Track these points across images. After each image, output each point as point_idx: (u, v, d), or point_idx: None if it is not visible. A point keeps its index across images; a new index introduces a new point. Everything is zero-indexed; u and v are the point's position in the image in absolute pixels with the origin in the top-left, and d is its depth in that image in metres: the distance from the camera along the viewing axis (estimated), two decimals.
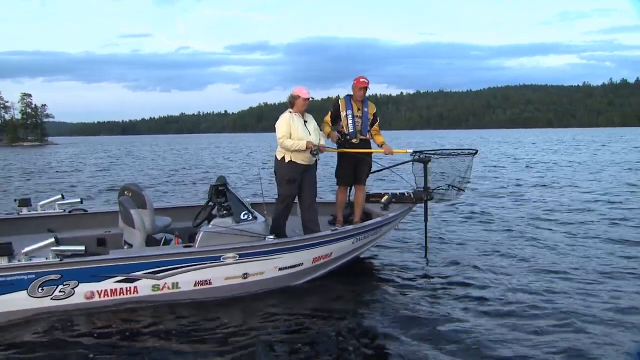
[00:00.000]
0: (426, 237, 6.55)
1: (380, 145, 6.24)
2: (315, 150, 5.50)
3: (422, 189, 6.21)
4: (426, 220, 6.42)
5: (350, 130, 6.03)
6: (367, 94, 6.11)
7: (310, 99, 5.61)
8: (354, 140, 6.05)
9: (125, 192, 5.72)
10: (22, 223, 5.84)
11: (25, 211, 5.98)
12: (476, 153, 6.32)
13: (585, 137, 73.10)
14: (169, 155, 39.75)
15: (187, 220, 6.11)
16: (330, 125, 6.12)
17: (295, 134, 5.47)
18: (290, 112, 5.57)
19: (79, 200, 6.49)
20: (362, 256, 6.46)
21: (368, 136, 6.18)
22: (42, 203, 6.16)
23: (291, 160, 5.52)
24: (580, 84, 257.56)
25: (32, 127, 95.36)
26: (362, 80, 6.00)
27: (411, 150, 6.26)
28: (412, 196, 6.33)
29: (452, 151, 6.35)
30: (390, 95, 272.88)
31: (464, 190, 6.33)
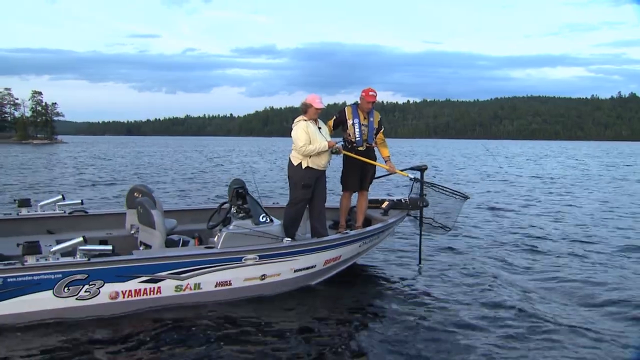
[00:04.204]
0: (420, 243, 6.58)
1: (386, 160, 6.39)
2: (335, 149, 5.82)
3: (417, 196, 6.30)
4: (421, 226, 6.46)
5: (357, 138, 6.13)
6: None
7: (322, 108, 5.73)
8: (360, 148, 6.14)
9: (135, 193, 5.69)
10: (21, 224, 5.75)
11: (24, 211, 5.88)
12: (467, 198, 6.46)
13: (585, 150, 72.88)
14: (153, 157, 39.55)
15: (188, 222, 6.12)
16: (331, 129, 6.21)
17: (313, 140, 5.65)
18: (305, 120, 5.71)
19: (80, 201, 6.37)
20: (359, 262, 6.47)
21: (373, 144, 6.28)
22: (42, 203, 6.07)
23: (308, 166, 5.70)
24: (589, 97, 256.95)
25: (41, 125, 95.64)
26: (370, 93, 6.09)
27: (412, 176, 6.42)
28: (409, 202, 6.42)
29: (447, 189, 6.43)
30: (397, 102, 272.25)
31: (449, 229, 6.47)
